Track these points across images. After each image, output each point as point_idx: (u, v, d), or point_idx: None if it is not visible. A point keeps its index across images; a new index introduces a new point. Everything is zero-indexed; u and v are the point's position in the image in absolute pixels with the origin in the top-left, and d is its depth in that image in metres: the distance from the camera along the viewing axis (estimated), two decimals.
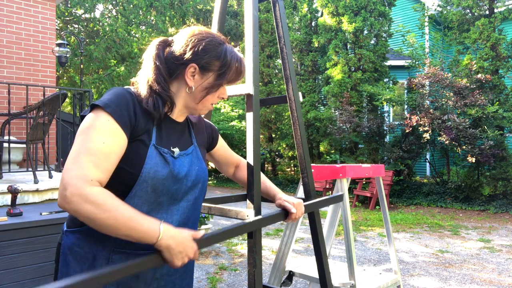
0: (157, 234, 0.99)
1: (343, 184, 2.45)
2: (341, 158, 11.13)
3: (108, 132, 1.04)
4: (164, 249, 1.01)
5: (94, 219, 0.95)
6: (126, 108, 1.09)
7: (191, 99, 1.21)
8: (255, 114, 1.52)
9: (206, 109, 1.26)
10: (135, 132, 1.10)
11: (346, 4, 10.58)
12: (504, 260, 5.06)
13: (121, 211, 0.97)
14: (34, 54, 6.30)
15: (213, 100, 1.24)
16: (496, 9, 9.60)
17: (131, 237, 0.99)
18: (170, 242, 1.01)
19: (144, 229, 0.98)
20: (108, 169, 1.04)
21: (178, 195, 1.19)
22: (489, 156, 8.42)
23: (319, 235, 1.76)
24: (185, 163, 1.21)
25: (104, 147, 1.03)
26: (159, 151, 1.14)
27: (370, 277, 2.65)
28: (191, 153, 1.26)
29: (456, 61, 10.02)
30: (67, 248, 1.15)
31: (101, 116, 1.06)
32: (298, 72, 13.07)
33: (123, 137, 1.07)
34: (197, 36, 1.18)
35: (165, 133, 1.19)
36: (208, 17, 18.65)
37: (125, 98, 1.11)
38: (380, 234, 6.55)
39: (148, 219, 1.01)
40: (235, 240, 5.98)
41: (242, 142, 14.11)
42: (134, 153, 1.10)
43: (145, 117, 1.13)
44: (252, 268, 1.42)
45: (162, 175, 1.13)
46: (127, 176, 1.09)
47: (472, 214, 8.44)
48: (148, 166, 1.10)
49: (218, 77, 1.20)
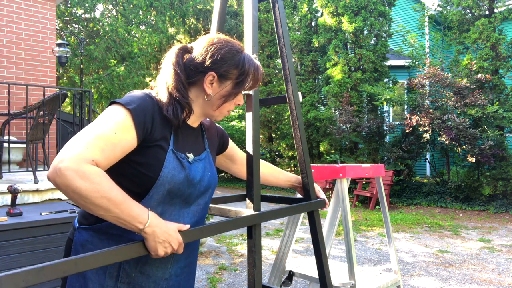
0: (145, 221, 1.00)
1: (343, 184, 2.45)
2: (341, 158, 11.13)
3: (122, 126, 1.06)
4: (149, 236, 1.02)
5: (86, 196, 0.94)
6: (145, 111, 1.10)
7: (209, 106, 1.23)
8: (255, 114, 1.52)
9: (222, 116, 1.28)
10: (152, 137, 1.12)
11: (346, 4, 10.57)
12: (504, 260, 5.06)
13: (115, 193, 0.97)
14: (34, 54, 6.30)
15: (230, 107, 1.26)
16: (496, 9, 9.60)
17: (119, 220, 0.99)
18: (156, 229, 1.02)
19: (134, 214, 0.99)
20: (111, 158, 1.04)
21: (191, 199, 1.22)
22: (489, 156, 8.42)
23: (319, 235, 1.76)
24: (199, 168, 1.24)
25: (114, 137, 1.03)
26: (177, 156, 1.17)
27: (370, 277, 2.65)
28: (204, 158, 1.29)
29: (456, 61, 10.02)
30: (79, 245, 1.17)
31: (119, 111, 1.08)
32: (298, 72, 13.07)
33: (134, 137, 1.08)
34: (216, 45, 1.20)
35: (181, 138, 1.22)
36: (208, 17, 18.65)
37: (146, 102, 1.12)
38: (380, 234, 6.55)
39: (138, 205, 1.02)
40: (235, 240, 5.98)
41: (242, 142, 14.11)
42: (153, 158, 1.12)
43: (163, 123, 1.15)
44: (252, 268, 1.42)
45: (179, 179, 1.15)
46: (146, 180, 1.11)
47: (472, 214, 8.44)
48: (166, 171, 1.13)
49: (236, 85, 1.22)
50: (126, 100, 1.11)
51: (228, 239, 6.04)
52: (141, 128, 1.09)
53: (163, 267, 1.21)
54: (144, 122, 1.09)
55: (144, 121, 1.09)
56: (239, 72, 1.21)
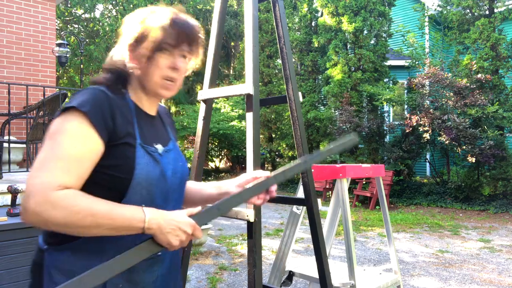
0: (143, 217, 0.94)
1: (343, 184, 2.45)
2: (341, 158, 11.13)
3: (81, 136, 0.96)
4: (156, 231, 0.95)
5: (69, 225, 0.88)
6: (102, 109, 1.01)
7: (143, 79, 1.10)
8: (255, 114, 1.52)
9: (166, 86, 1.11)
10: (116, 135, 1.02)
11: (346, 4, 10.57)
12: (504, 260, 5.06)
13: (97, 207, 0.91)
14: (34, 54, 6.30)
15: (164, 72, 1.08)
16: (496, 9, 9.60)
17: (116, 230, 0.93)
18: (159, 221, 0.95)
19: (127, 216, 0.93)
20: (81, 175, 0.96)
21: (169, 194, 1.13)
22: (489, 156, 8.42)
23: (319, 235, 1.76)
24: (170, 160, 1.15)
25: (76, 152, 0.95)
26: (146, 150, 1.07)
27: (370, 277, 2.65)
28: (173, 148, 1.19)
29: (456, 61, 10.02)
30: (53, 268, 1.02)
31: (73, 119, 0.97)
32: (298, 72, 13.07)
33: (99, 141, 0.99)
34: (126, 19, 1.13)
35: (146, 130, 1.12)
36: (208, 17, 18.64)
37: (100, 98, 1.02)
38: (380, 234, 6.54)
39: (129, 206, 0.95)
40: (235, 240, 5.98)
41: (242, 142, 14.10)
42: (123, 158, 1.02)
43: (123, 116, 1.05)
44: (252, 268, 1.42)
45: (155, 175, 1.07)
46: (120, 183, 1.02)
47: (472, 214, 8.44)
48: (139, 168, 1.03)
49: (153, 42, 1.07)
50: (77, 102, 0.99)
51: (228, 239, 6.04)
52: (103, 129, 0.99)
53: (150, 271, 1.12)
54: (104, 120, 1.00)
55: (104, 119, 1.00)
56: (146, 28, 1.08)
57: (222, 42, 1.95)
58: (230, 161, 17.06)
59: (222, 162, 19.01)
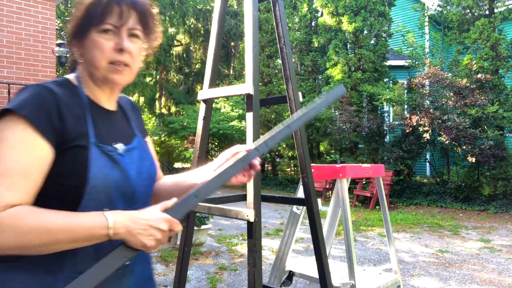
0: (105, 223, 0.83)
1: (343, 184, 2.45)
2: (341, 158, 11.13)
3: (24, 146, 0.85)
4: (125, 235, 0.84)
5: (23, 247, 0.79)
6: (46, 109, 0.88)
7: (89, 67, 0.98)
8: (255, 114, 1.53)
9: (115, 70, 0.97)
10: (66, 138, 0.90)
11: (346, 4, 10.58)
12: (504, 260, 5.06)
13: (50, 221, 0.80)
14: (34, 54, 6.30)
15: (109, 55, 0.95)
16: (496, 9, 9.60)
17: (78, 242, 0.83)
18: (126, 223, 0.84)
19: (88, 225, 0.82)
20: (29, 189, 0.85)
21: (135, 197, 1.01)
22: (489, 156, 8.42)
23: (319, 235, 1.76)
24: (134, 159, 1.02)
25: (20, 165, 0.83)
26: (103, 150, 0.95)
27: (370, 277, 2.65)
28: (137, 146, 1.06)
29: (456, 61, 10.02)
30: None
31: (13, 125, 0.86)
32: (298, 72, 13.07)
33: (46, 148, 0.87)
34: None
35: (102, 128, 0.99)
36: (208, 17, 18.65)
37: (43, 97, 0.89)
38: (380, 234, 6.55)
39: (88, 213, 0.85)
40: (235, 240, 5.98)
41: (242, 142, 14.04)
42: (75, 163, 0.90)
43: (74, 115, 0.93)
44: (252, 268, 1.42)
45: (114, 177, 0.94)
46: (74, 191, 0.89)
47: (472, 214, 8.44)
48: (94, 171, 0.90)
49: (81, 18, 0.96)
50: (16, 104, 0.87)
51: (228, 239, 6.04)
52: (49, 133, 0.87)
53: (120, 283, 0.99)
54: (50, 122, 0.88)
55: (50, 121, 0.88)
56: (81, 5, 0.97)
57: (222, 42, 1.95)
58: None
59: None
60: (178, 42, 20.14)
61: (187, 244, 1.78)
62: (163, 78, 20.01)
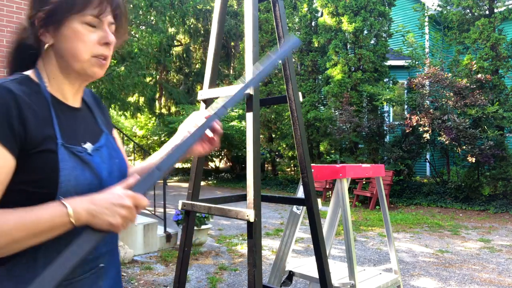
0: (65, 210, 0.79)
1: (343, 184, 2.45)
2: (341, 158, 11.14)
3: None
4: (88, 217, 0.80)
5: None
6: (6, 113, 0.81)
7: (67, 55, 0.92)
8: (255, 114, 1.53)
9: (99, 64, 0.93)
10: (30, 143, 0.84)
11: (346, 4, 10.58)
12: (504, 260, 5.06)
13: (4, 223, 0.76)
14: None
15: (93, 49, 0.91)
16: (496, 9, 9.61)
17: (41, 236, 0.79)
18: (87, 206, 0.81)
19: (46, 217, 0.78)
20: None
21: None
22: (489, 156, 8.42)
23: (319, 235, 1.76)
24: (104, 158, 0.98)
25: None
26: (72, 151, 0.89)
27: (370, 277, 2.65)
28: (105, 143, 1.01)
29: (456, 61, 10.03)
30: None
31: None
32: (298, 72, 13.07)
33: (7, 156, 0.80)
34: None
35: (69, 127, 0.93)
36: (208, 17, 18.65)
37: (1, 100, 0.81)
38: (380, 234, 6.55)
39: (45, 206, 0.80)
40: (235, 240, 5.98)
41: (242, 142, 14.10)
42: (43, 168, 0.84)
43: (37, 116, 0.86)
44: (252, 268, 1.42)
45: (85, 179, 0.89)
46: (43, 199, 0.83)
47: (472, 214, 8.45)
48: (65, 174, 0.85)
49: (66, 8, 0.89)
50: None
51: (228, 239, 6.04)
52: (10, 140, 0.81)
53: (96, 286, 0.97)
54: (10, 128, 0.81)
55: (10, 127, 0.81)
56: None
57: (222, 42, 1.95)
58: (230, 161, 17.07)
59: (222, 162, 19.01)
60: (178, 42, 20.15)
61: (187, 244, 1.78)
62: (163, 78, 20.02)
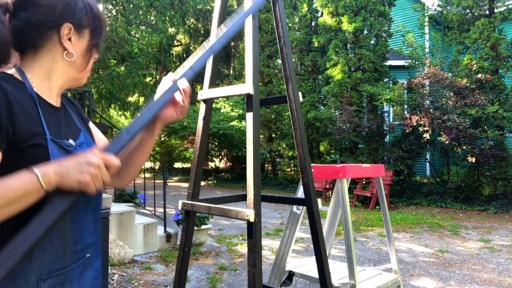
0: (34, 176, 0.80)
1: (343, 184, 2.45)
2: (341, 158, 11.14)
3: None
4: (58, 179, 0.81)
5: None
6: None
7: (74, 68, 1.00)
8: (255, 114, 1.53)
9: (87, 76, 1.06)
10: (19, 138, 0.86)
11: (346, 4, 10.58)
12: (504, 260, 5.06)
13: None
14: None
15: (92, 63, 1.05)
16: (496, 9, 9.61)
17: (14, 204, 0.79)
18: (55, 168, 0.82)
19: (17, 185, 0.79)
20: None
21: None
22: (489, 156, 8.42)
23: (319, 235, 1.76)
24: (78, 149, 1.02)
25: None
26: (60, 145, 0.94)
27: (370, 277, 2.65)
28: (85, 141, 1.06)
29: (456, 61, 10.03)
30: None
31: None
32: (298, 72, 13.07)
33: None
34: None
35: (54, 125, 0.97)
36: (208, 17, 18.66)
37: None
38: (380, 234, 6.55)
39: (14, 175, 0.81)
40: (235, 240, 5.98)
41: (242, 142, 14.10)
42: (33, 161, 0.86)
43: (26, 113, 0.89)
44: (252, 268, 1.42)
45: None
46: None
47: (472, 214, 8.45)
48: None
49: (93, 33, 1.01)
50: None
51: (228, 239, 6.04)
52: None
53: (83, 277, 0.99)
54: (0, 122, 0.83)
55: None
56: (91, 17, 1.00)
57: None
58: (230, 161, 17.07)
59: (222, 162, 19.01)
60: (178, 42, 20.16)
61: (187, 244, 1.78)
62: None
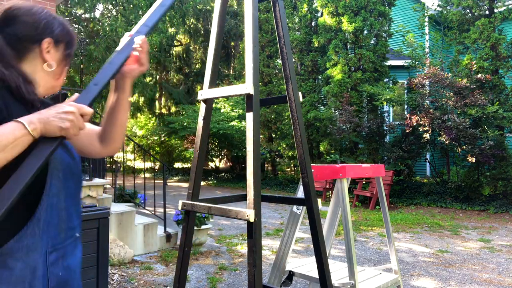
0: (21, 124, 0.90)
1: (343, 184, 2.45)
2: (341, 158, 11.13)
3: None
4: (41, 126, 0.92)
5: None
6: None
7: (51, 77, 1.15)
8: (255, 114, 1.52)
9: (61, 84, 1.21)
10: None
11: (346, 4, 10.58)
12: (504, 260, 5.06)
13: None
14: None
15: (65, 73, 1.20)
16: (496, 9, 9.61)
17: (6, 149, 0.87)
18: (38, 116, 0.93)
19: (8, 130, 0.88)
20: None
21: (80, 177, 1.16)
22: (489, 156, 8.42)
23: (319, 235, 1.76)
24: (69, 144, 1.15)
25: None
26: None
27: (370, 277, 2.65)
28: None
29: (456, 61, 10.03)
30: None
31: None
32: (298, 72, 13.07)
33: None
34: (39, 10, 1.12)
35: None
36: (208, 17, 18.65)
37: None
38: (380, 234, 6.55)
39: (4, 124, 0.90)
40: (235, 240, 5.98)
41: (242, 142, 14.10)
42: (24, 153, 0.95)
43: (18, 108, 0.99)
44: (252, 268, 1.42)
45: (66, 160, 1.07)
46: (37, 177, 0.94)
47: (472, 214, 8.45)
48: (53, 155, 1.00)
49: (67, 45, 1.17)
50: None
51: (228, 239, 6.04)
52: None
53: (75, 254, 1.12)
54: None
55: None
56: (65, 32, 1.16)
57: (222, 42, 1.95)
58: (230, 161, 17.07)
59: (222, 162, 19.01)
60: (178, 42, 20.15)
61: (187, 244, 1.78)
62: (163, 78, 20.02)
